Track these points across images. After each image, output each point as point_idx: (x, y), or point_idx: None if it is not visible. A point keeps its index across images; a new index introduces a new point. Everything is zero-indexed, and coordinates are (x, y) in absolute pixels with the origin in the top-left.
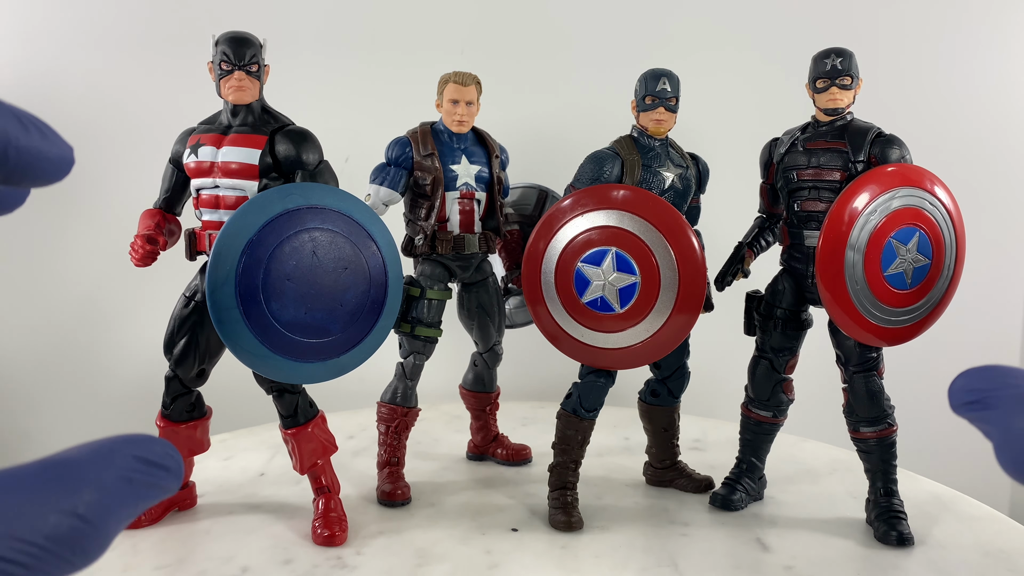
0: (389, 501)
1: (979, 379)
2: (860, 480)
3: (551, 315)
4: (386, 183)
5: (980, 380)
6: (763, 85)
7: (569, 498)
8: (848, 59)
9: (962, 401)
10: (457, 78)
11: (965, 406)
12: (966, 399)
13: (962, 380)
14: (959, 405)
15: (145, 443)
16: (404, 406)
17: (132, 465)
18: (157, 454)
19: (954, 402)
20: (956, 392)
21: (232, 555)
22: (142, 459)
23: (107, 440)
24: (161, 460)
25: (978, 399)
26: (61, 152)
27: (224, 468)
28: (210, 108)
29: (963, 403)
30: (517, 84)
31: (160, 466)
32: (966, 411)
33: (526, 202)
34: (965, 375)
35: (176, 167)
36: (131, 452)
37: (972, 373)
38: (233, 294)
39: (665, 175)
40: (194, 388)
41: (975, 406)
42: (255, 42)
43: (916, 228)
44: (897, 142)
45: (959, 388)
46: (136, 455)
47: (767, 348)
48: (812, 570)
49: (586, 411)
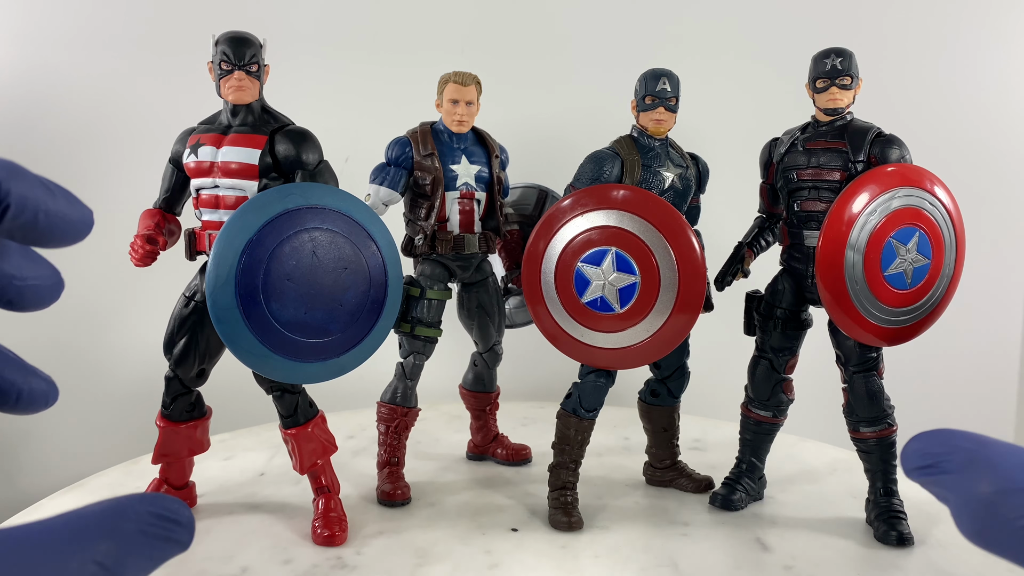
0: (389, 501)
1: (931, 443)
2: (860, 480)
3: (551, 315)
4: (386, 183)
5: (933, 444)
6: (763, 85)
7: (569, 498)
8: (848, 59)
9: (915, 466)
10: (457, 78)
11: (918, 471)
12: (919, 463)
13: (915, 444)
14: (912, 470)
15: (159, 500)
16: (404, 406)
17: (147, 519)
18: (170, 510)
19: (907, 467)
20: (909, 456)
21: (232, 555)
22: (156, 514)
23: (122, 497)
24: (174, 515)
25: (931, 463)
26: (83, 215)
27: (224, 468)
28: (210, 108)
29: (916, 467)
30: (517, 84)
31: (173, 521)
32: (919, 476)
33: (526, 202)
34: (916, 439)
35: (176, 167)
36: (145, 508)
37: (923, 437)
38: (233, 294)
39: (665, 175)
40: (194, 388)
41: (929, 471)
42: (255, 42)
43: (916, 228)
44: (897, 142)
45: (911, 453)
46: (150, 511)
47: (767, 348)
48: (812, 570)
49: (586, 411)
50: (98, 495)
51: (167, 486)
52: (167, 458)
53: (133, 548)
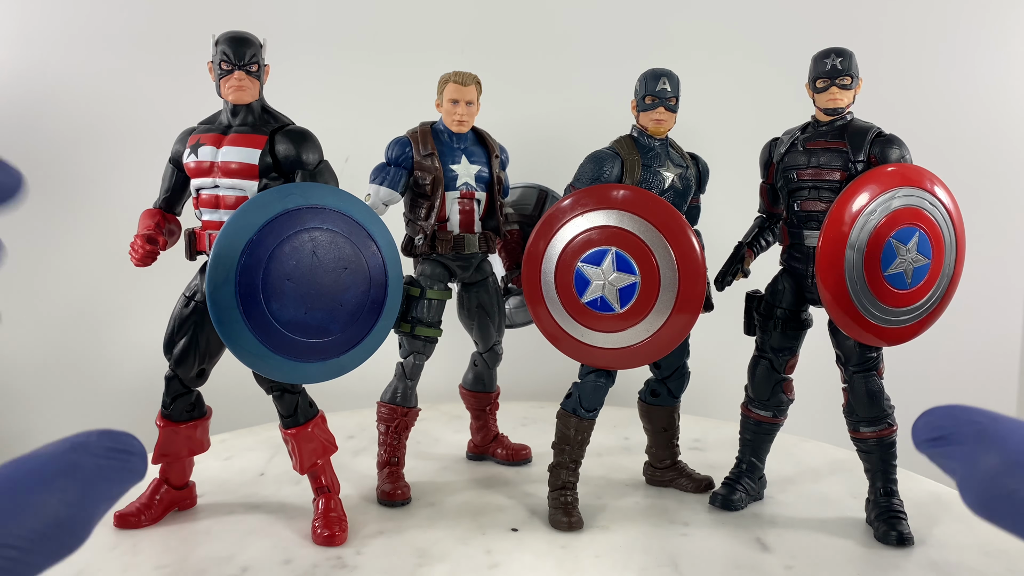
0: (389, 501)
1: (942, 417)
2: (860, 480)
3: (551, 315)
4: (386, 183)
5: (943, 418)
6: (763, 85)
7: (569, 498)
8: (848, 59)
9: (925, 438)
10: (457, 78)
11: (928, 443)
12: (929, 436)
13: (925, 418)
14: (922, 442)
15: (110, 434)
16: (404, 406)
17: (103, 453)
18: (122, 442)
19: (917, 438)
20: (920, 429)
21: (232, 555)
22: (110, 448)
23: (77, 435)
24: (127, 446)
25: (941, 436)
26: (13, 179)
27: (224, 468)
28: (210, 108)
29: (926, 440)
30: (517, 84)
31: (126, 452)
32: (928, 448)
33: (526, 202)
34: (928, 413)
35: (176, 167)
36: (100, 443)
37: (935, 411)
38: (233, 294)
39: (665, 175)
40: (194, 388)
41: (938, 443)
42: (255, 42)
43: (916, 228)
44: (897, 142)
45: (922, 425)
46: (104, 445)
47: (767, 348)
48: (812, 570)
49: (586, 411)
50: None
51: (167, 486)
52: (167, 458)
53: (92, 481)
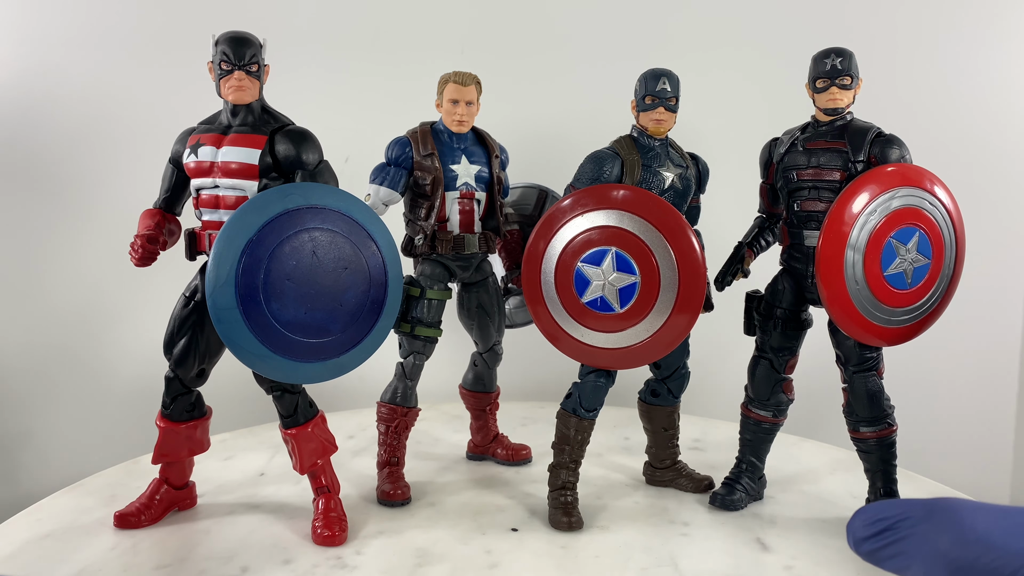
0: (389, 501)
1: (881, 509)
2: (860, 480)
3: (551, 315)
4: (386, 183)
5: (882, 509)
6: (763, 85)
7: (569, 498)
8: (848, 59)
9: (866, 535)
10: (457, 78)
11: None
12: (871, 531)
13: (861, 514)
14: (863, 540)
15: None
16: (404, 406)
17: None
18: None
19: (857, 538)
20: (856, 527)
21: (232, 555)
22: None
23: None
24: None
25: (885, 528)
26: None
27: (224, 468)
28: (209, 108)
29: (868, 536)
30: (517, 84)
31: None
32: (873, 544)
33: (526, 202)
34: (862, 510)
35: (176, 167)
36: None
37: (868, 508)
38: (233, 294)
39: (665, 175)
40: (194, 388)
41: (884, 536)
42: (255, 42)
43: (916, 228)
44: (897, 142)
45: (860, 523)
46: None
47: (767, 348)
48: (812, 570)
49: (586, 411)
50: (98, 495)
51: (167, 486)
52: (167, 458)
53: None
